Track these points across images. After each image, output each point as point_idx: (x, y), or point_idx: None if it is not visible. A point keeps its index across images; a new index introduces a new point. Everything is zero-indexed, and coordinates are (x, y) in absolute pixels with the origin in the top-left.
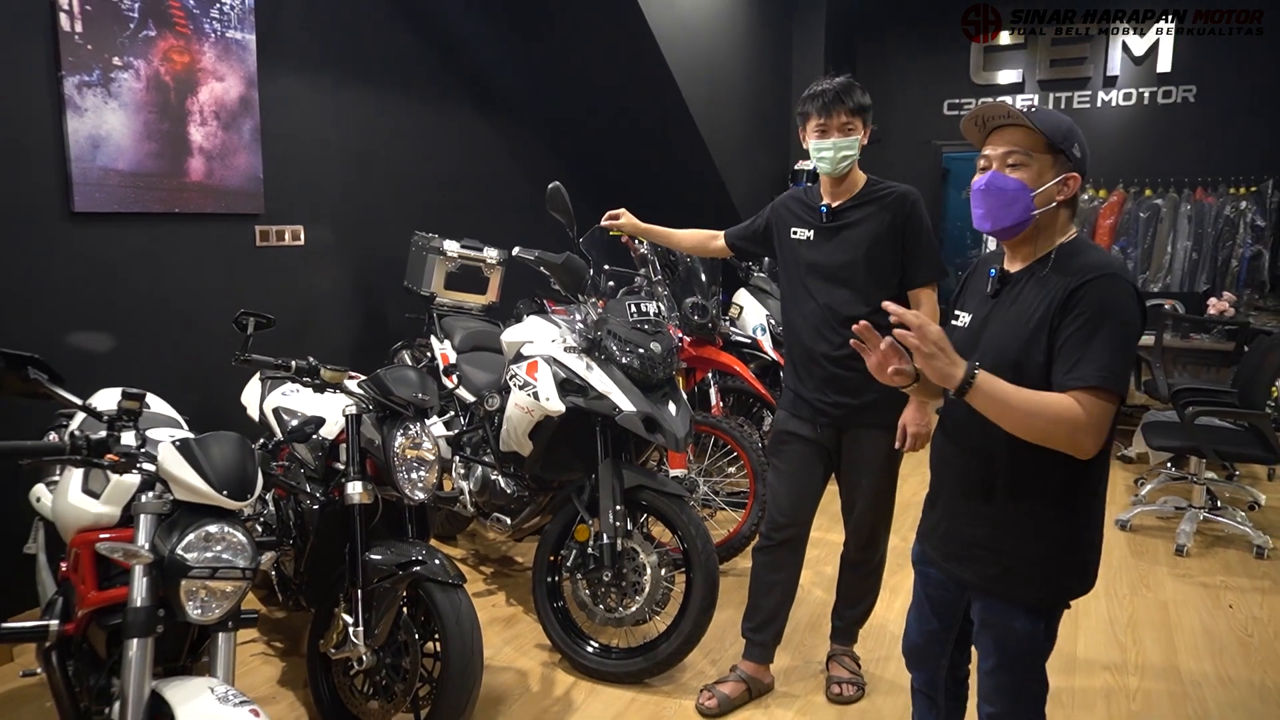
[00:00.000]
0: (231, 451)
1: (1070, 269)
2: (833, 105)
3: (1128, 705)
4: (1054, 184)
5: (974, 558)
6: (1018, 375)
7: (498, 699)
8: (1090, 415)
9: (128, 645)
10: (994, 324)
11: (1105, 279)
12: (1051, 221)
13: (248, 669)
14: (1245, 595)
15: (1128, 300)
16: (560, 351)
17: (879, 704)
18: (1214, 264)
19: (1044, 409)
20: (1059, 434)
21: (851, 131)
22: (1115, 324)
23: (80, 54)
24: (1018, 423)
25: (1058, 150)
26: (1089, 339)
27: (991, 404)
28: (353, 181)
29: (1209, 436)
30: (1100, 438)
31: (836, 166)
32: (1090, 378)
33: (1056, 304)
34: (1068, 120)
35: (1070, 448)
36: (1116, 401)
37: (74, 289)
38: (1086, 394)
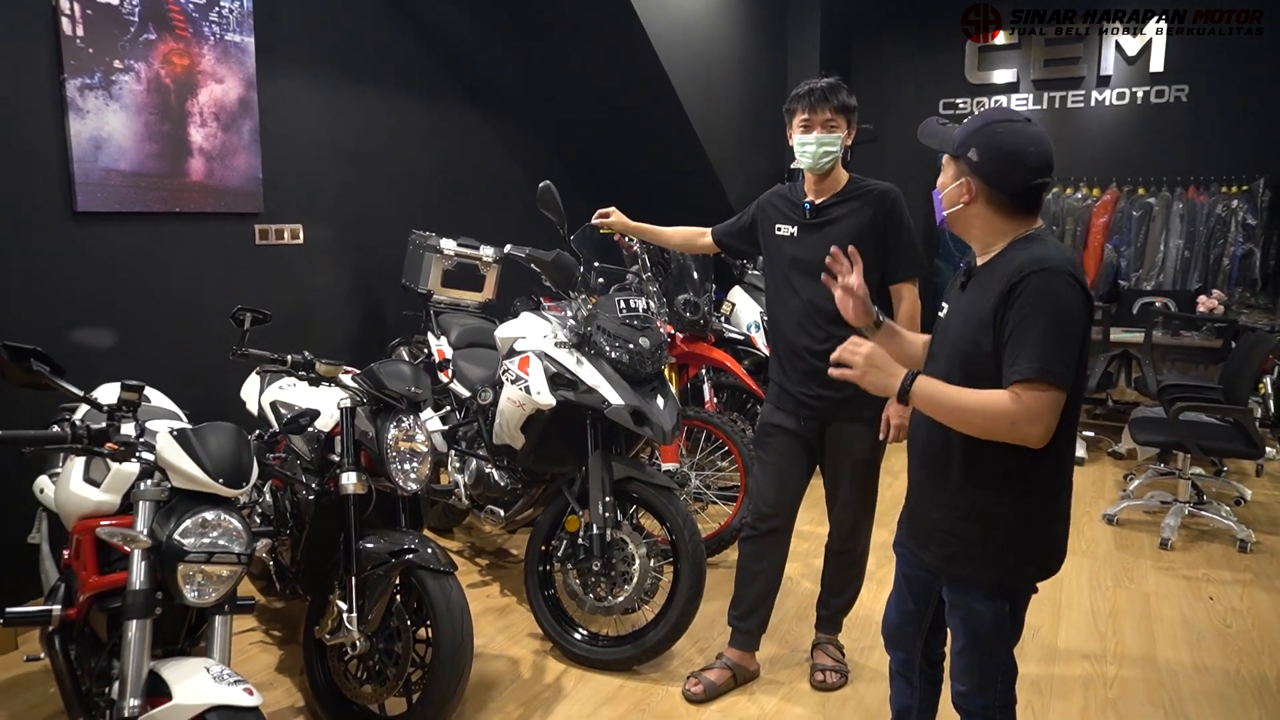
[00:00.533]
0: (227, 441)
1: (1012, 264)
2: (818, 102)
3: (1104, 693)
4: (954, 187)
5: (934, 540)
6: (968, 366)
7: (490, 685)
8: (1028, 406)
9: (127, 626)
10: (956, 317)
11: (1040, 273)
12: (966, 221)
13: (247, 656)
14: (1226, 588)
15: (1062, 291)
16: (551, 347)
17: (861, 691)
18: (1206, 262)
19: (978, 406)
20: (999, 428)
21: (834, 129)
22: (1049, 316)
23: (82, 57)
24: (957, 421)
25: (956, 157)
26: (1026, 333)
27: (930, 406)
28: (351, 181)
29: (1193, 431)
30: (1042, 426)
31: (818, 162)
32: (1025, 370)
33: (998, 299)
34: (981, 123)
35: (1016, 439)
36: (1056, 390)
37: (77, 286)
38: (1023, 386)
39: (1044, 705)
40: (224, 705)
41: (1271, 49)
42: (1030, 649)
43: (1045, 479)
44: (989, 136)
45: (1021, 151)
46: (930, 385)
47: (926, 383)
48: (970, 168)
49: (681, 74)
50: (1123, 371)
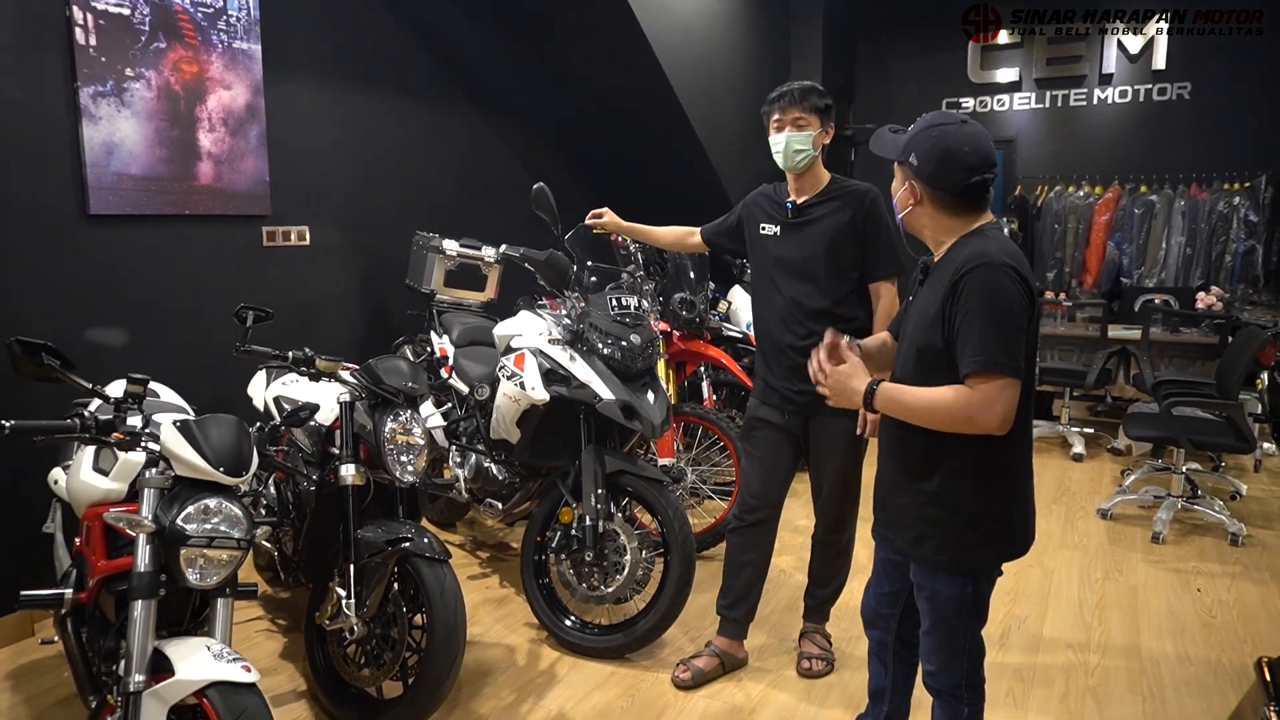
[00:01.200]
0: (228, 432)
1: (959, 259)
2: (789, 103)
3: (1085, 680)
4: (902, 191)
5: (902, 524)
6: (924, 359)
7: (486, 672)
8: (983, 396)
9: (133, 606)
10: (912, 312)
11: (979, 268)
12: (917, 221)
13: (252, 643)
14: (1215, 580)
15: (1000, 283)
16: (545, 344)
17: (846, 679)
18: (1208, 259)
19: (936, 404)
20: (958, 421)
21: (804, 127)
22: (989, 308)
23: (95, 65)
24: (921, 419)
25: (901, 163)
26: (970, 326)
27: (895, 409)
28: (356, 184)
29: (1185, 426)
30: (997, 414)
31: (790, 159)
32: (973, 363)
33: (945, 294)
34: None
35: (977, 429)
36: (1006, 377)
37: (89, 287)
38: (974, 377)
39: (1025, 692)
40: (223, 681)
41: (1273, 47)
42: (1015, 638)
43: (1001, 463)
44: (925, 140)
45: (956, 151)
46: (892, 391)
47: (888, 389)
48: (912, 171)
49: (682, 75)
50: (1122, 368)
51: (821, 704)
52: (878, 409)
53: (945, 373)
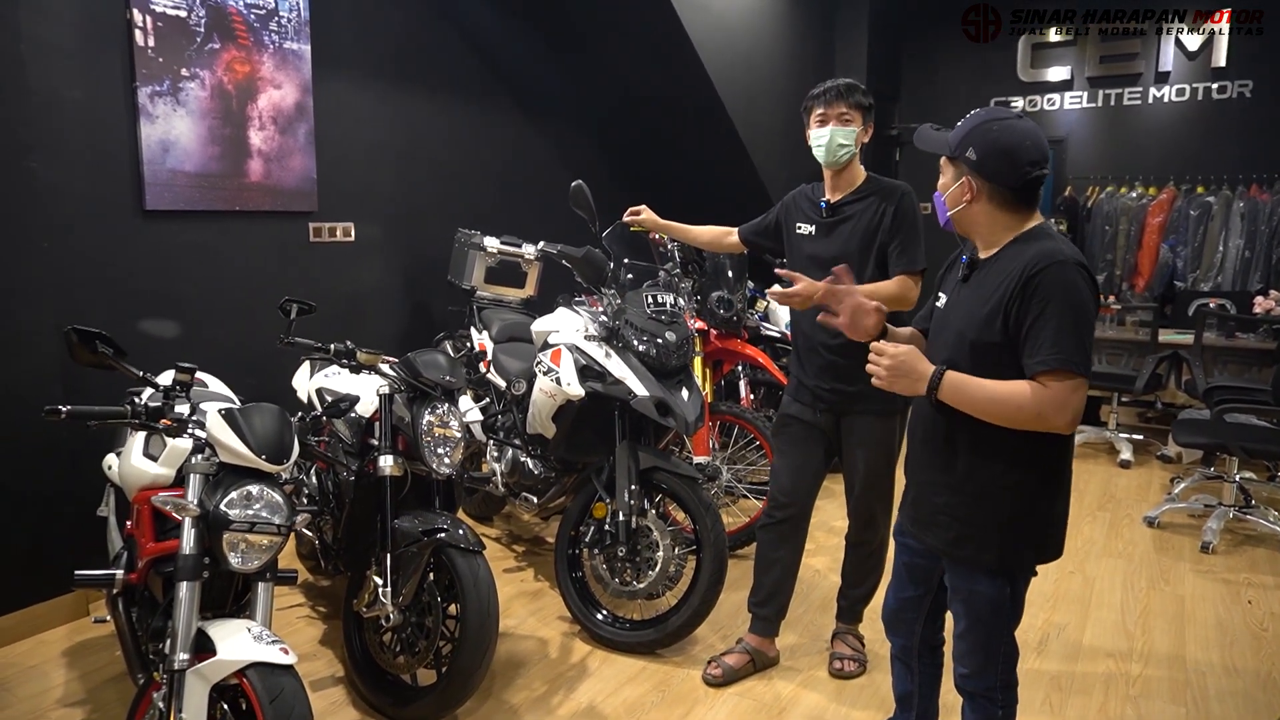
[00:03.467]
0: (271, 420)
1: (1022, 258)
2: (834, 98)
3: (1126, 690)
4: (956, 188)
5: (937, 523)
6: (975, 354)
7: (519, 663)
8: (1054, 396)
9: (179, 587)
10: (960, 307)
11: (1055, 266)
12: (972, 220)
13: (293, 629)
14: (1268, 592)
15: (1076, 283)
16: (582, 340)
17: (878, 680)
18: (1268, 263)
19: (1006, 398)
20: (1025, 418)
21: (849, 123)
22: (1066, 308)
23: (152, 66)
24: (985, 413)
25: (954, 158)
26: (1045, 324)
27: (958, 399)
28: (400, 181)
29: (1237, 434)
30: (1069, 414)
31: (833, 154)
32: (1050, 361)
33: (1012, 291)
34: (975, 122)
35: (1043, 428)
36: (1079, 379)
37: (144, 279)
38: (1048, 376)
39: (1062, 701)
40: (262, 662)
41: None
42: (1054, 646)
43: (1046, 463)
44: (984, 135)
45: (1018, 146)
46: (959, 380)
47: (956, 377)
48: (970, 167)
49: (724, 74)
50: (1173, 373)
51: (853, 705)
52: (942, 397)
53: (999, 369)
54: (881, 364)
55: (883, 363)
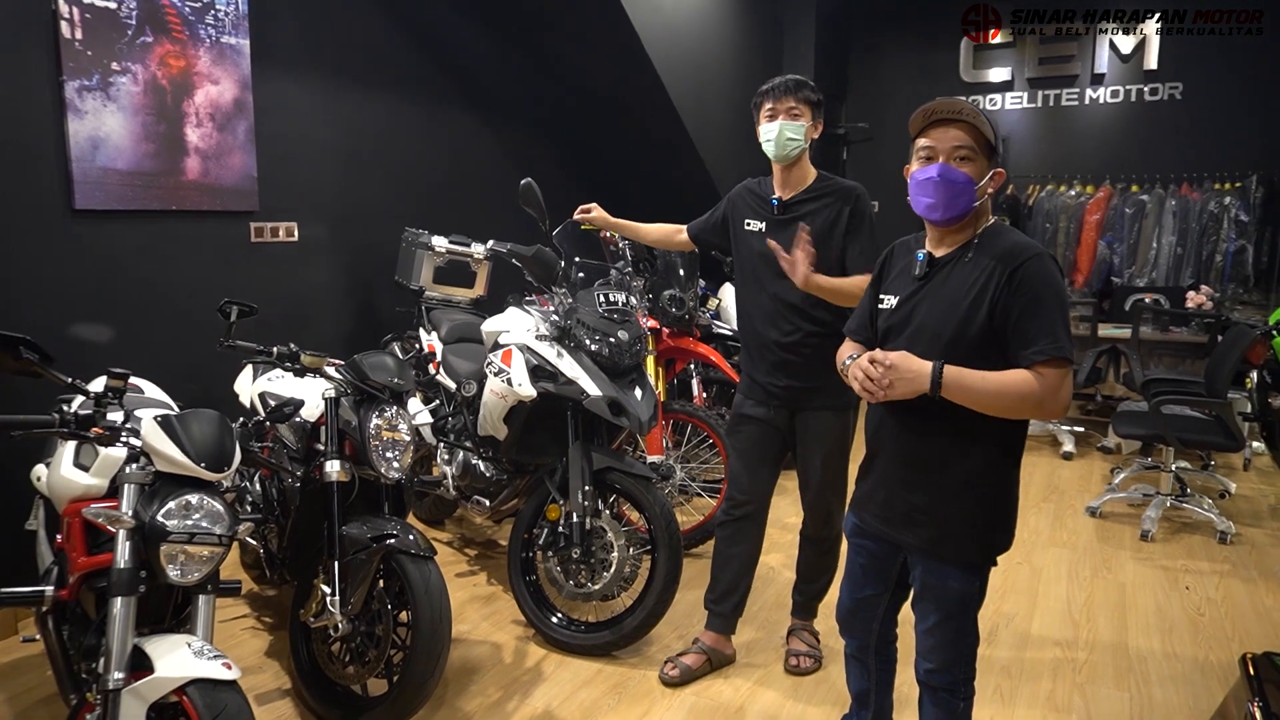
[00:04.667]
0: (210, 427)
1: (998, 251)
2: (784, 92)
3: (1073, 677)
4: (989, 178)
5: (914, 522)
6: (950, 349)
7: (473, 670)
8: (1051, 384)
9: (112, 603)
10: (925, 305)
11: (1036, 259)
12: (984, 211)
13: (237, 642)
14: (1203, 578)
15: (1058, 275)
16: (533, 340)
17: (834, 675)
18: (1199, 259)
19: (1008, 388)
20: (1027, 406)
21: (797, 117)
22: (1054, 298)
23: (80, 59)
24: (988, 404)
25: (992, 149)
26: (1035, 315)
27: (962, 394)
28: (345, 180)
29: (1173, 424)
30: (1064, 398)
31: (783, 149)
32: (1048, 350)
33: (998, 284)
34: (994, 119)
35: (1041, 415)
36: (1069, 366)
37: (75, 282)
38: (1046, 365)
39: (1012, 689)
40: (202, 678)
41: (1264, 47)
42: (1004, 635)
43: (1011, 458)
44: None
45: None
46: (959, 374)
47: (956, 371)
48: (1000, 160)
49: (673, 71)
50: (1112, 367)
51: (809, 701)
52: (945, 393)
53: (976, 363)
54: (884, 374)
55: (888, 375)
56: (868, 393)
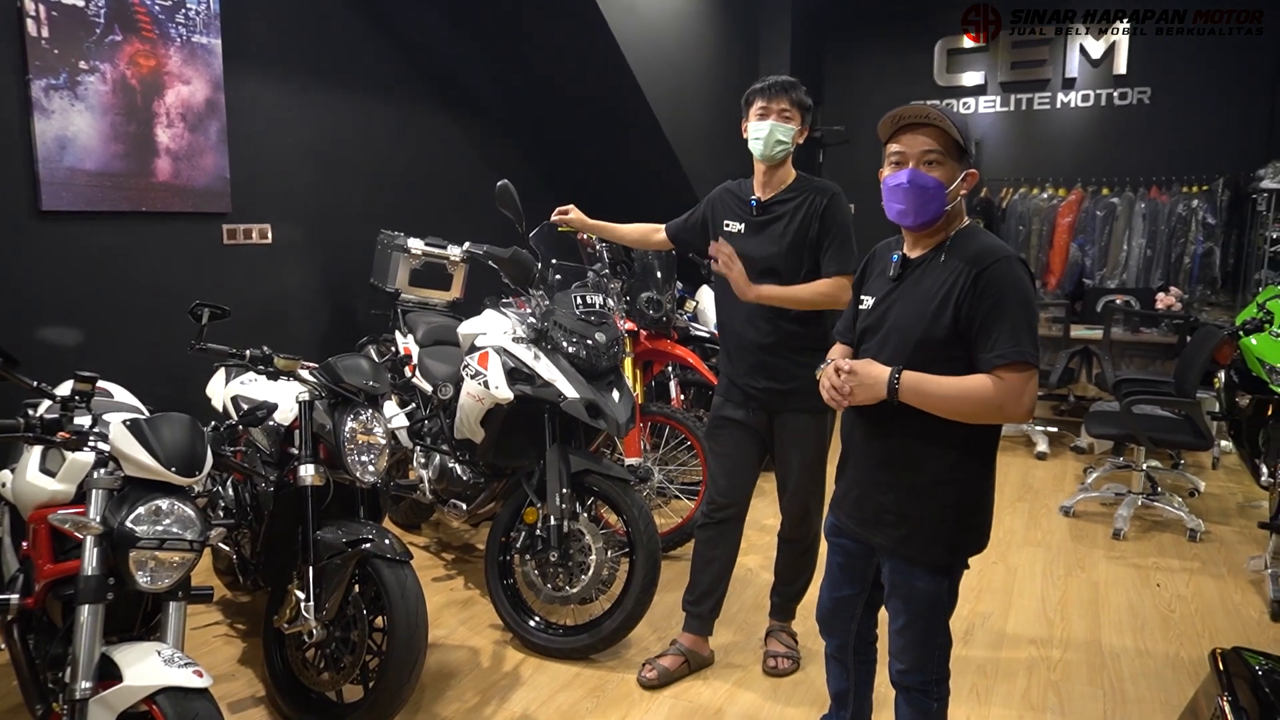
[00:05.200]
0: (180, 431)
1: (967, 254)
2: (778, 92)
3: (1048, 675)
4: (961, 180)
5: (883, 522)
6: (919, 351)
7: (450, 674)
8: (1012, 388)
9: (79, 611)
10: (898, 306)
11: (1002, 262)
12: (958, 213)
13: (209, 649)
14: (1174, 575)
15: (1021, 276)
16: (510, 342)
17: (812, 676)
18: (1168, 261)
19: (968, 393)
20: (987, 411)
21: (789, 120)
22: (1017, 301)
23: (47, 58)
24: (946, 410)
25: (963, 150)
26: (1000, 319)
27: (921, 399)
28: (319, 181)
29: (1144, 424)
30: (1027, 402)
31: (770, 149)
32: (1009, 354)
33: (963, 287)
34: (965, 120)
35: (1002, 419)
36: (1033, 370)
37: (43, 285)
38: (1007, 369)
39: (988, 687)
40: (173, 687)
41: (1229, 51)
42: (979, 635)
43: (982, 457)
44: (969, 127)
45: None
46: (917, 379)
47: (914, 377)
48: (972, 162)
49: (649, 74)
50: (1084, 368)
51: (787, 702)
52: (902, 398)
53: (944, 365)
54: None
55: (849, 382)
56: (833, 401)
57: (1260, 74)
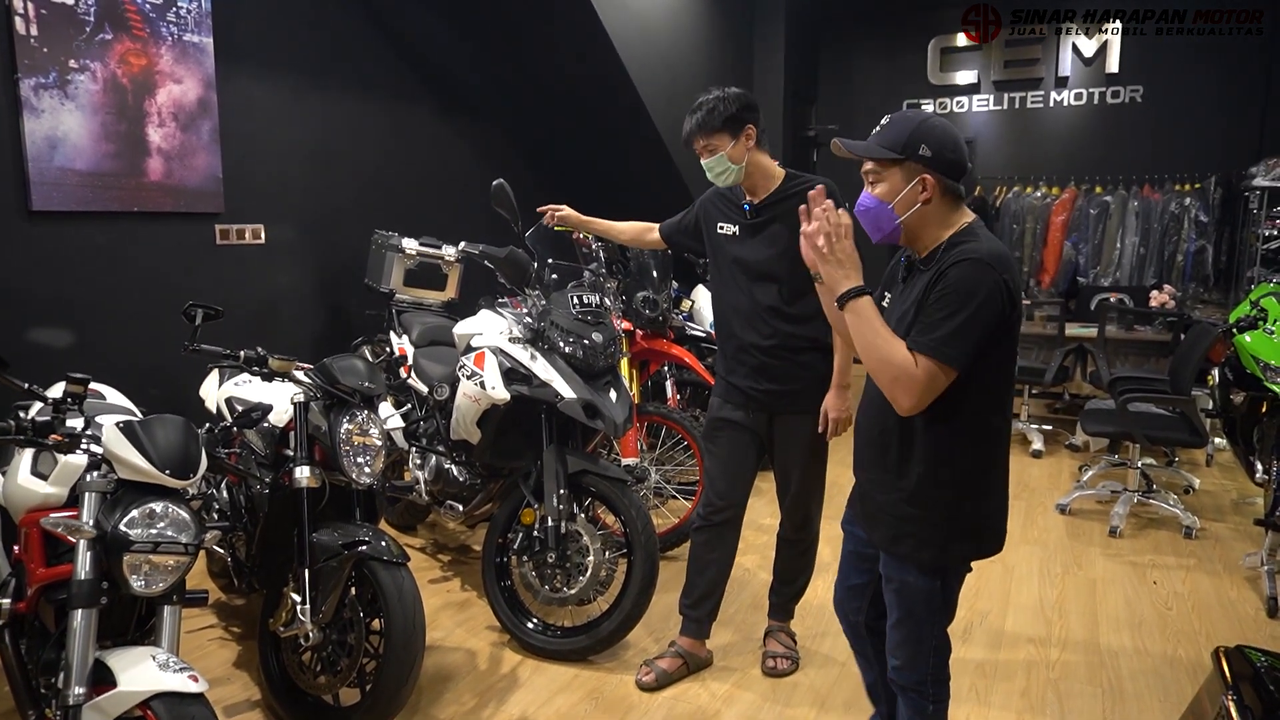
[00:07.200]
0: (174, 433)
1: (948, 256)
2: (690, 134)
3: (1046, 674)
4: (909, 190)
5: (878, 520)
6: None
7: (447, 677)
8: (915, 376)
9: (72, 616)
10: (899, 306)
11: (968, 263)
12: (924, 219)
13: (204, 652)
14: (1170, 573)
15: (983, 283)
16: (506, 342)
17: (812, 676)
18: (1161, 259)
19: (890, 350)
20: (886, 375)
21: (714, 151)
22: (965, 304)
23: (36, 56)
24: (864, 346)
25: (902, 160)
26: (937, 312)
27: (856, 325)
28: (313, 181)
29: (1140, 422)
30: (915, 398)
31: (720, 180)
32: (923, 345)
33: (928, 285)
34: (914, 122)
35: (892, 393)
36: (946, 373)
37: (34, 286)
38: (921, 357)
39: (988, 687)
40: (168, 692)
41: (1221, 49)
42: (978, 634)
43: (977, 461)
44: (930, 131)
45: (958, 139)
46: (871, 309)
47: (870, 305)
48: (925, 164)
49: (644, 72)
50: (1079, 366)
51: (787, 703)
52: (845, 311)
53: None
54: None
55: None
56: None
57: (1252, 72)
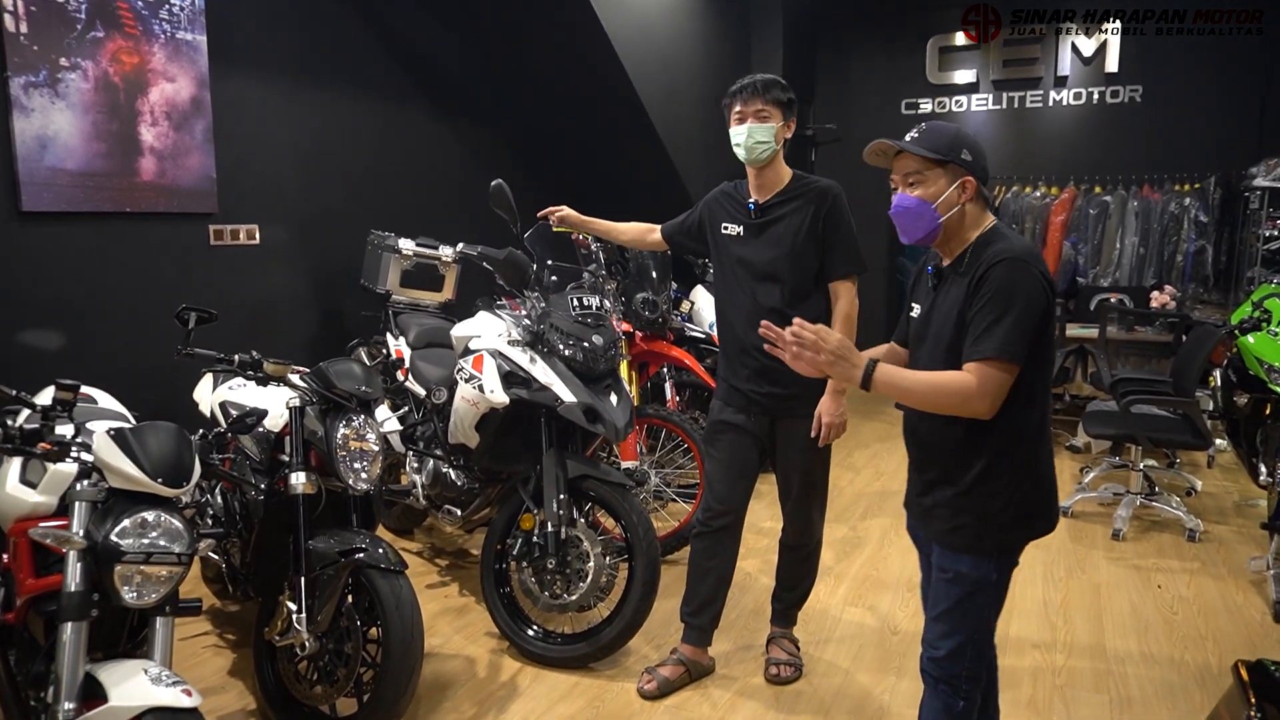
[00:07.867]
0: (167, 440)
1: (982, 258)
2: (751, 94)
3: (1053, 681)
4: (952, 191)
5: (936, 516)
6: (950, 356)
7: (446, 685)
8: (982, 383)
9: (62, 629)
10: (935, 314)
11: (1005, 263)
12: (961, 221)
13: (198, 660)
14: (1174, 576)
15: (1025, 280)
16: (505, 345)
17: (815, 684)
18: (1160, 259)
19: (935, 387)
20: (952, 404)
21: (766, 119)
22: (1012, 302)
23: (26, 54)
24: (917, 402)
25: (947, 162)
26: (988, 315)
27: (890, 391)
28: (308, 181)
29: (1143, 424)
30: (993, 401)
31: (752, 151)
32: (987, 350)
33: (969, 291)
34: (952, 130)
35: (968, 413)
36: (1011, 371)
37: (23, 288)
38: (983, 364)
39: None
40: (161, 707)
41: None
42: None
43: (1027, 452)
44: (966, 136)
45: (981, 145)
46: (890, 372)
47: (887, 370)
48: (967, 167)
49: (642, 72)
50: (1079, 367)
51: (790, 711)
52: (875, 388)
53: None
54: (828, 345)
55: (829, 344)
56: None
57: (1251, 71)
